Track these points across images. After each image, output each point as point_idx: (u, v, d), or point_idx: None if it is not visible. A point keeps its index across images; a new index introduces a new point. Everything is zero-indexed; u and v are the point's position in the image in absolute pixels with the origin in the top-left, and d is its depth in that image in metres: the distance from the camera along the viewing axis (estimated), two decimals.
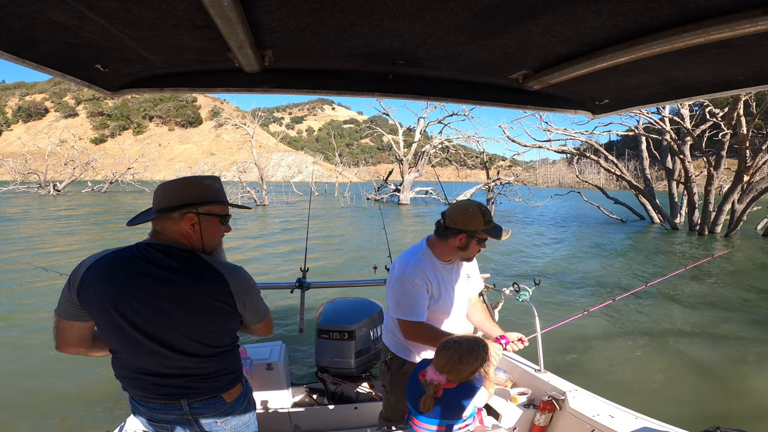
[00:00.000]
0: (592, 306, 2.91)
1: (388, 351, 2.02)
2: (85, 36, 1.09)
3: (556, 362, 4.39)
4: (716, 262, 11.06)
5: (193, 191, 1.35)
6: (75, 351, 1.37)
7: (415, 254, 1.89)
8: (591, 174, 49.75)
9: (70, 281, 1.28)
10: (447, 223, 1.83)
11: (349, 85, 1.58)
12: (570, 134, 20.01)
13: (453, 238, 1.82)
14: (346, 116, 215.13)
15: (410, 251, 1.93)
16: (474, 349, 1.48)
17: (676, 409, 3.76)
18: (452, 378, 1.49)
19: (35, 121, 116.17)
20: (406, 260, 1.87)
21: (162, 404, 1.33)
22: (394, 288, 1.83)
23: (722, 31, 0.92)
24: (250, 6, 0.96)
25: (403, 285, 1.80)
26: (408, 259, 1.88)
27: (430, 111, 31.52)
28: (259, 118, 35.08)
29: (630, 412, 1.91)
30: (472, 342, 1.51)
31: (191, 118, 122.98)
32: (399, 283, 1.81)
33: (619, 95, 1.70)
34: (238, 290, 1.33)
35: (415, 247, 1.95)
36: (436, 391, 1.48)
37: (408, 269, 1.83)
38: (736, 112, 14.03)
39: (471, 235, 1.80)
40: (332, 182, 47.34)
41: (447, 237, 1.84)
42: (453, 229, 1.81)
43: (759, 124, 15.83)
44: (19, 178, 40.89)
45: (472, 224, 1.79)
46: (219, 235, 1.42)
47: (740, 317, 6.45)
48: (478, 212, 1.81)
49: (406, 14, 1.02)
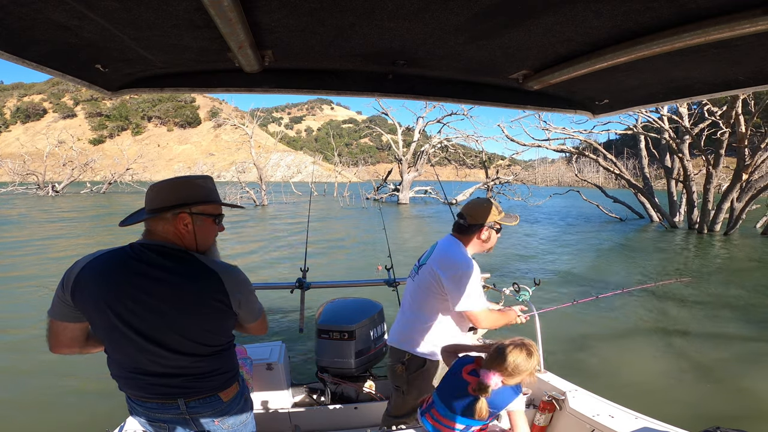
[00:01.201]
0: (581, 298, 2.98)
1: (404, 353, 2.03)
2: (85, 36, 1.09)
3: (556, 362, 4.40)
4: (717, 261, 11.09)
5: (185, 191, 1.34)
6: (68, 351, 1.37)
7: (460, 247, 2.00)
8: (590, 173, 49.77)
9: (64, 282, 1.27)
10: (469, 221, 1.98)
11: (349, 85, 1.58)
12: (569, 133, 20.02)
13: (478, 233, 1.99)
14: (345, 116, 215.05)
15: (453, 246, 2.01)
16: (532, 353, 1.49)
17: (676, 409, 3.76)
18: (509, 381, 1.48)
19: (33, 122, 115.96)
20: (462, 254, 1.96)
21: (159, 403, 1.33)
22: (463, 281, 1.88)
23: (722, 31, 0.92)
24: (250, 6, 0.96)
25: (473, 277, 1.89)
26: (461, 253, 1.97)
27: (429, 110, 31.54)
28: (258, 118, 35.08)
29: (630, 412, 1.91)
30: (529, 345, 1.51)
31: (190, 118, 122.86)
32: (468, 276, 1.88)
33: (619, 95, 1.70)
34: (233, 289, 1.33)
35: (452, 242, 2.03)
36: (486, 394, 1.47)
37: (472, 262, 1.93)
38: (734, 111, 14.05)
39: (491, 226, 1.99)
40: (331, 182, 47.32)
41: (471, 233, 1.99)
42: (476, 225, 1.97)
43: (757, 122, 15.86)
44: (17, 179, 40.83)
45: (491, 216, 1.98)
46: (212, 235, 1.42)
47: (740, 316, 6.46)
48: (492, 204, 2.00)
49: (406, 14, 1.02)
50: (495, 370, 1.46)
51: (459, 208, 2.13)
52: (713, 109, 15.57)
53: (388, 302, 3.09)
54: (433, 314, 1.98)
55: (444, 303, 1.94)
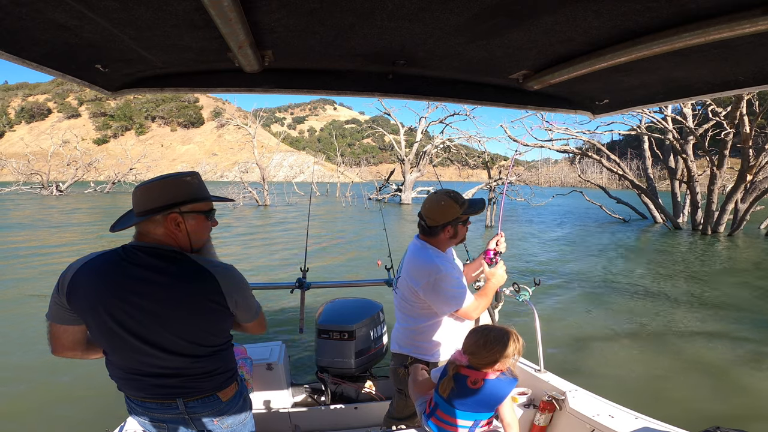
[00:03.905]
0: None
1: (407, 357, 2.01)
2: (85, 36, 1.09)
3: (556, 362, 4.39)
4: (718, 261, 11.03)
5: (174, 190, 1.32)
6: (71, 355, 1.36)
7: (426, 251, 1.92)
8: (593, 173, 49.59)
9: (59, 285, 1.27)
10: (429, 223, 1.90)
11: (349, 85, 1.58)
12: (572, 134, 19.96)
13: (441, 233, 1.91)
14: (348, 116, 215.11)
15: (418, 252, 1.94)
16: (501, 338, 1.49)
17: (676, 409, 3.75)
18: (474, 362, 1.49)
19: (38, 121, 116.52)
20: (429, 259, 1.88)
21: (158, 404, 1.33)
22: (439, 286, 1.82)
23: (722, 31, 0.91)
24: (250, 6, 0.96)
25: (447, 276, 1.83)
26: (427, 257, 1.89)
27: (431, 111, 31.55)
28: (261, 118, 35.12)
29: (630, 412, 1.90)
30: (502, 331, 1.52)
31: (193, 118, 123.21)
32: (442, 279, 1.82)
33: (619, 95, 1.69)
34: (229, 289, 1.32)
35: (418, 247, 1.96)
36: (456, 372, 1.50)
37: (441, 262, 1.87)
38: (738, 111, 13.99)
39: (455, 222, 1.90)
40: (334, 182, 47.33)
41: (436, 234, 1.91)
42: (437, 226, 1.89)
43: (762, 123, 15.80)
44: (22, 178, 41.00)
45: (451, 214, 1.88)
46: (206, 232, 1.41)
47: (742, 317, 6.43)
48: (450, 200, 1.88)
49: (406, 14, 1.02)
50: (461, 349, 1.52)
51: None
52: (717, 110, 15.49)
53: (388, 302, 3.09)
54: (426, 319, 1.95)
55: (431, 308, 1.91)
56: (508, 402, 1.54)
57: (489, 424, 1.57)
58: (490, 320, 2.45)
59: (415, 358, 1.99)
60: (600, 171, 46.04)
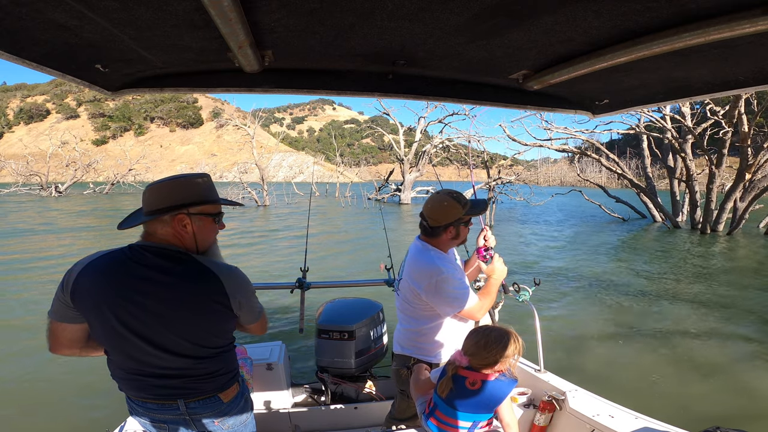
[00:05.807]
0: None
1: (409, 358, 2.00)
2: (85, 36, 1.09)
3: (556, 362, 4.39)
4: (717, 259, 11.04)
5: (183, 191, 1.32)
6: (69, 352, 1.36)
7: (427, 253, 1.91)
8: (592, 173, 49.64)
9: (64, 283, 1.27)
10: (431, 224, 1.88)
11: (349, 86, 1.58)
12: (571, 133, 19.98)
13: (443, 234, 1.89)
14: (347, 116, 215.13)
15: (420, 254, 1.93)
16: (501, 339, 1.48)
17: (676, 409, 3.75)
18: (474, 363, 1.49)
19: (37, 122, 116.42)
20: (430, 260, 1.87)
21: (159, 404, 1.33)
22: (441, 288, 1.81)
23: (722, 31, 0.91)
24: (250, 6, 0.96)
25: (449, 277, 1.81)
26: (429, 259, 1.87)
27: (430, 110, 31.54)
28: (260, 118, 35.10)
29: (630, 412, 1.90)
30: (502, 332, 1.51)
31: (192, 119, 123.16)
32: (444, 280, 1.81)
33: (619, 95, 1.70)
34: (233, 291, 1.32)
35: (419, 249, 1.95)
36: (455, 372, 1.50)
37: (443, 263, 1.85)
38: (737, 110, 14.00)
39: (457, 223, 1.88)
40: (333, 182, 47.33)
41: (437, 235, 1.90)
42: (439, 227, 1.87)
43: (760, 122, 15.82)
44: (21, 179, 40.97)
45: (453, 214, 1.86)
46: (213, 234, 1.41)
47: (741, 316, 6.43)
48: (453, 201, 1.87)
49: (406, 14, 1.02)
50: (461, 350, 1.51)
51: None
52: (716, 109, 15.49)
53: (388, 302, 3.09)
54: (428, 321, 1.94)
55: (434, 310, 1.90)
56: (507, 403, 1.54)
57: (489, 425, 1.57)
58: (491, 320, 2.45)
59: (418, 360, 1.99)
60: (599, 170, 46.11)
